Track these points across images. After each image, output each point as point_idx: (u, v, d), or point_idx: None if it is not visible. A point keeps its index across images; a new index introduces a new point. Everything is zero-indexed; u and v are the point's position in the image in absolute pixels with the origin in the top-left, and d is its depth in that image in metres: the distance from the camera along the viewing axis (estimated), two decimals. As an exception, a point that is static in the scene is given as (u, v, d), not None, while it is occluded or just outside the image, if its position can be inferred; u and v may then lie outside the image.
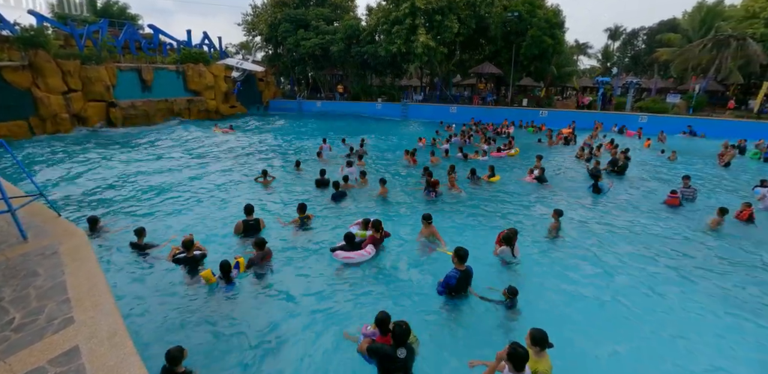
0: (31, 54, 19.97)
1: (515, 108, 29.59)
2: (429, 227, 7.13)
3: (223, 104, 31.99)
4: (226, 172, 13.07)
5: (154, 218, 8.50)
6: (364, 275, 6.18)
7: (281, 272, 6.26)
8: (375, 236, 6.79)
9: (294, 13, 34.20)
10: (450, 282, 5.11)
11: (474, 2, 26.78)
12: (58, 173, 12.54)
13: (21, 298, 3.65)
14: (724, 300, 5.64)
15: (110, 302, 3.54)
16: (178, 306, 5.29)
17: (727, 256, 6.99)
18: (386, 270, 6.35)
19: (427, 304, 5.38)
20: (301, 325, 4.95)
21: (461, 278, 5.13)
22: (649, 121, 23.91)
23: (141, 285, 5.77)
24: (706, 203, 9.91)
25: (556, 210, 7.85)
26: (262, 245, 6.22)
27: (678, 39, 30.70)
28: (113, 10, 34.70)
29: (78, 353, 2.86)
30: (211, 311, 5.20)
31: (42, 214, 5.87)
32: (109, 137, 20.71)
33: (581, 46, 49.99)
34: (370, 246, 6.59)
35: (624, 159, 13.05)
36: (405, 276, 6.16)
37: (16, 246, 4.76)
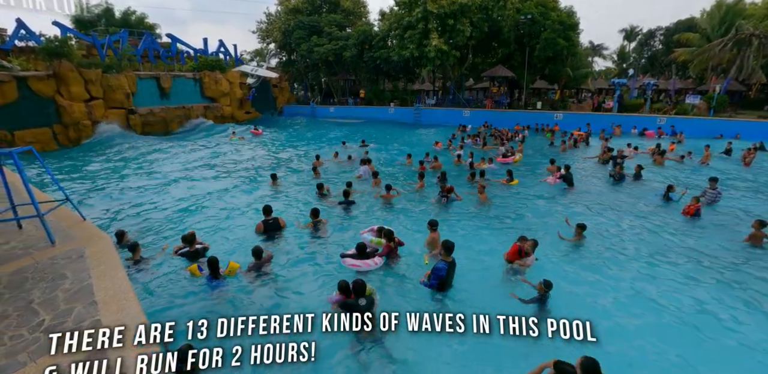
0: (56, 64, 20.66)
1: (529, 111, 29.29)
2: (433, 233, 7.04)
3: (238, 110, 32.52)
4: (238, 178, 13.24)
5: (166, 227, 8.60)
6: (368, 279, 6.18)
7: (290, 270, 6.35)
8: (390, 246, 6.76)
9: (307, 20, 34.67)
10: (440, 273, 5.30)
11: (486, 6, 26.73)
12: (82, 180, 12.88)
13: (50, 300, 3.74)
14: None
15: (136, 305, 3.61)
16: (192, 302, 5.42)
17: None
18: (396, 277, 6.34)
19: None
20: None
21: (449, 269, 5.37)
22: (668, 123, 23.41)
23: (151, 288, 5.84)
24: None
25: (579, 225, 7.55)
26: (259, 255, 6.12)
27: (697, 38, 30.07)
28: (132, 20, 35.70)
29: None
30: (216, 304, 5.35)
31: (68, 218, 6.03)
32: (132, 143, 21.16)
33: (596, 48, 49.37)
34: (378, 258, 6.57)
35: (638, 169, 12.29)
36: (410, 282, 6.14)
37: (44, 250, 4.89)
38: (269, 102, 37.21)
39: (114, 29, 29.42)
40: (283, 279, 6.09)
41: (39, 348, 3.03)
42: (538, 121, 25.83)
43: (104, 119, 22.91)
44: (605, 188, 11.58)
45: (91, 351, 2.96)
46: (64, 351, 2.94)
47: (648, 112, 25.88)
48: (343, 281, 5.04)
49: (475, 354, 4.38)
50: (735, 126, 21.90)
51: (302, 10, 36.48)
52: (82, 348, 2.97)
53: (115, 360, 2.87)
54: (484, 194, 9.89)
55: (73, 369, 2.79)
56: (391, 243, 6.74)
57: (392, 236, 6.78)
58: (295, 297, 5.65)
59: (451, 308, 5.34)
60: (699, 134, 21.49)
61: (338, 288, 5.07)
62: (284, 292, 5.76)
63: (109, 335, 3.05)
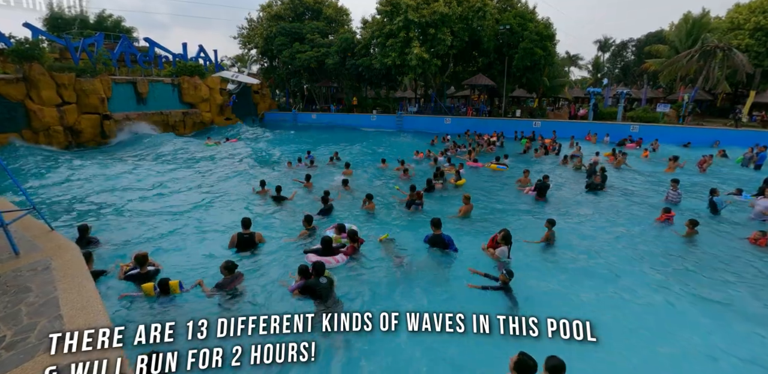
0: (26, 67, 19.96)
1: (509, 119, 29.88)
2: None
3: (218, 116, 32.02)
4: (222, 184, 12.98)
5: (143, 234, 8.34)
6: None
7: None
8: (353, 246, 6.79)
9: (289, 27, 34.62)
10: (425, 239, 7.07)
11: (466, 16, 27.30)
12: (48, 185, 12.37)
13: (12, 315, 3.54)
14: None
15: (105, 318, 3.44)
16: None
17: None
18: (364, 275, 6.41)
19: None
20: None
21: (436, 236, 6.92)
22: (640, 130, 24.22)
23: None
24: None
25: (549, 220, 7.68)
26: (231, 269, 5.69)
27: (666, 50, 31.42)
28: (107, 24, 34.92)
29: (70, 372, 2.76)
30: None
31: (34, 228, 5.75)
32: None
33: (572, 58, 50.94)
34: (342, 255, 6.57)
35: (601, 173, 12.30)
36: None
37: (7, 262, 4.64)
38: (250, 108, 36.79)
39: (89, 32, 28.67)
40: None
41: (0, 365, 2.85)
42: (517, 128, 26.24)
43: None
44: (581, 197, 11.50)
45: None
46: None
47: (621, 120, 26.73)
48: (303, 265, 5.51)
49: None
50: (704, 134, 22.86)
51: (284, 17, 36.44)
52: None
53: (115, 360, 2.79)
54: (470, 205, 9.35)
55: (73, 369, 2.76)
56: (355, 244, 6.80)
57: (356, 236, 6.88)
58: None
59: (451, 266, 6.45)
60: (669, 141, 22.33)
61: (298, 271, 5.45)
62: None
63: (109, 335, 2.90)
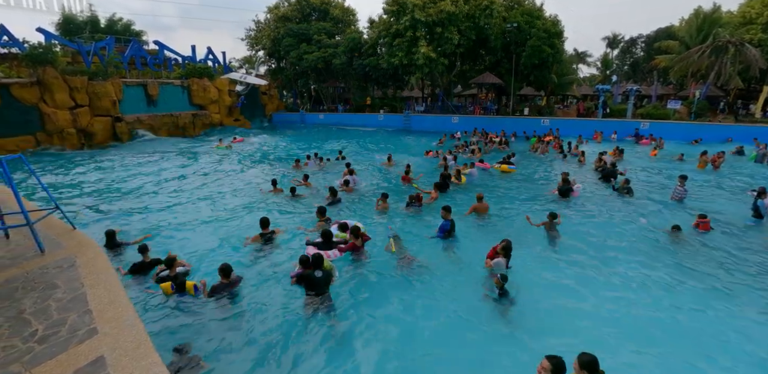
0: (40, 71, 20.35)
1: (517, 117, 29.76)
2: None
3: (227, 117, 32.34)
4: (232, 185, 13.13)
5: (165, 234, 8.50)
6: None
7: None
8: (355, 243, 6.85)
9: (296, 28, 34.82)
10: (446, 228, 7.48)
11: (473, 14, 27.21)
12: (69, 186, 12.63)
13: (42, 310, 3.66)
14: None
15: (132, 313, 3.54)
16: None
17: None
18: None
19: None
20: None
21: (451, 224, 7.55)
22: (651, 127, 23.97)
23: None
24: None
25: (550, 213, 8.01)
26: (228, 273, 5.74)
27: (676, 46, 31.00)
28: (117, 27, 35.39)
29: (104, 363, 2.85)
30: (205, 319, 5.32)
31: (57, 227, 5.91)
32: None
33: (580, 55, 50.52)
34: (337, 250, 6.73)
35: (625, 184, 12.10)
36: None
37: (33, 259, 4.78)
38: (258, 109, 37.10)
39: (100, 36, 29.11)
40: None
41: (33, 357, 2.96)
42: (525, 127, 26.01)
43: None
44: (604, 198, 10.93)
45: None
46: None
47: (631, 117, 26.45)
48: (304, 255, 5.86)
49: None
50: (715, 130, 22.56)
51: (292, 18, 36.64)
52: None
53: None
54: (484, 204, 9.08)
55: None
56: (357, 240, 6.83)
57: (359, 232, 6.92)
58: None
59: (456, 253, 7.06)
60: (680, 138, 22.08)
61: (299, 261, 5.77)
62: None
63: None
